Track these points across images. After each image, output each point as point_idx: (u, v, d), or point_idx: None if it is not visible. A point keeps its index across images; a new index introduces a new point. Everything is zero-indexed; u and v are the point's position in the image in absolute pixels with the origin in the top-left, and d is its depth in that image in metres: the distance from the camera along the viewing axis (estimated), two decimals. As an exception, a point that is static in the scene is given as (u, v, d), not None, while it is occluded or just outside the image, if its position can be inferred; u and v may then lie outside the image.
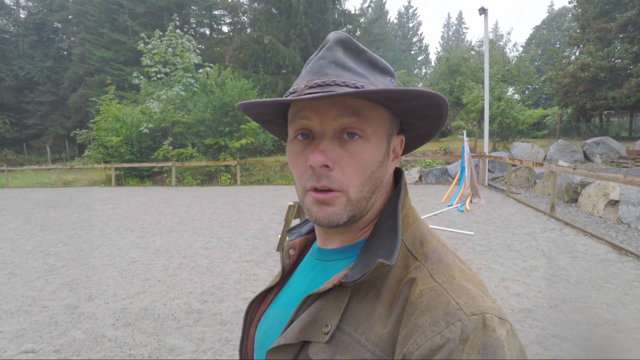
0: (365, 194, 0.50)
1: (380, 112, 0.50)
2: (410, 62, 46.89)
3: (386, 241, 0.48)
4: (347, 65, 0.49)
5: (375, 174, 0.50)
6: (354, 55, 0.51)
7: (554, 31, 40.52)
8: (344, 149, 0.48)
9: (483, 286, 0.47)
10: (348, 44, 0.51)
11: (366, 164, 0.48)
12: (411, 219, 0.53)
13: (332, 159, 0.47)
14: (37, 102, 30.50)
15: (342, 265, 0.53)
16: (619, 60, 18.38)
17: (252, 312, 0.64)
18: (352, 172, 0.48)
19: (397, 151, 0.55)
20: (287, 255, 0.63)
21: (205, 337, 2.88)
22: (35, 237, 6.28)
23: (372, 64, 0.52)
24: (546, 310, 3.16)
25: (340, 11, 24.51)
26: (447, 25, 64.17)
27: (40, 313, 3.38)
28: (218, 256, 4.93)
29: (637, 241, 5.28)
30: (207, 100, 15.08)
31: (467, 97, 16.48)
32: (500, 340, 0.38)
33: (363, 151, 0.48)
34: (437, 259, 0.47)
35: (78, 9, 29.16)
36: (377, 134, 0.49)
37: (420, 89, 0.45)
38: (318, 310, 0.48)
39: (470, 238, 5.40)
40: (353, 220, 0.51)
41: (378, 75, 0.52)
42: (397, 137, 0.55)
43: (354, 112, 0.47)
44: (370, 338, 0.43)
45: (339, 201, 0.48)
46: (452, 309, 0.40)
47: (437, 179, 12.28)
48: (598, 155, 12.24)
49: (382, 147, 0.51)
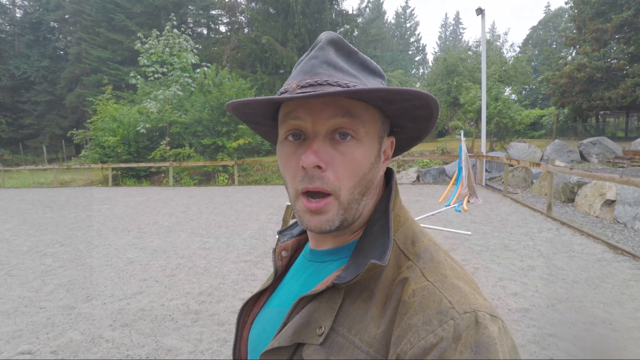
0: (357, 196, 0.49)
1: (372, 113, 0.50)
2: (408, 62, 46.97)
3: (378, 242, 0.49)
4: (339, 66, 0.48)
5: (367, 176, 0.50)
6: (346, 55, 0.51)
7: (551, 32, 40.72)
8: (337, 150, 0.47)
9: (475, 284, 0.47)
10: (340, 44, 0.51)
11: (359, 165, 0.48)
12: (402, 218, 0.53)
13: (325, 160, 0.47)
14: (33, 102, 30.33)
15: (335, 266, 0.53)
16: (615, 60, 18.50)
17: (245, 315, 0.63)
18: (345, 174, 0.47)
19: (387, 153, 0.55)
20: (280, 257, 0.63)
21: (203, 337, 2.88)
22: (32, 238, 6.25)
23: (364, 65, 0.52)
24: (543, 310, 3.17)
25: (337, 11, 24.51)
26: (444, 25, 64.32)
27: (37, 314, 3.36)
28: (216, 256, 4.93)
29: (633, 241, 5.31)
30: (205, 100, 15.04)
31: (464, 97, 16.52)
32: (492, 337, 0.38)
33: (355, 152, 0.48)
34: (429, 258, 0.47)
35: (74, 8, 29.04)
36: (370, 135, 0.49)
37: (411, 89, 0.45)
38: (311, 312, 0.48)
39: (467, 238, 5.41)
40: (345, 225, 0.50)
41: (369, 76, 0.52)
42: (387, 138, 0.55)
43: (347, 112, 0.47)
44: (364, 339, 0.44)
45: (331, 207, 0.48)
46: (445, 308, 0.40)
47: (435, 179, 12.31)
48: (594, 155, 12.30)
49: (374, 149, 0.50)
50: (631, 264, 4.24)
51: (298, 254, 0.65)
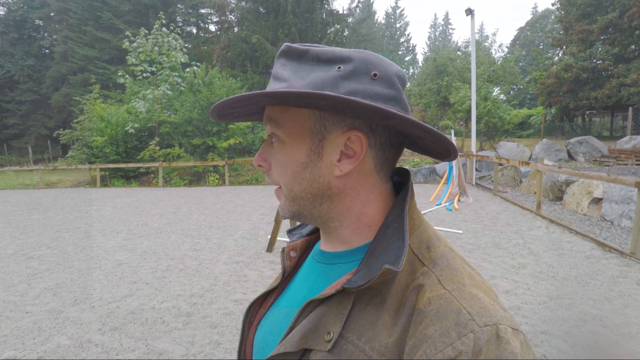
0: (299, 193, 0.51)
1: (296, 113, 0.48)
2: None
3: (392, 245, 0.46)
4: (278, 75, 0.50)
5: (302, 175, 0.49)
6: (297, 59, 0.49)
7: (538, 32, 41.36)
8: (272, 152, 0.52)
9: (493, 293, 0.45)
10: (288, 51, 0.50)
11: (283, 164, 0.51)
12: (417, 221, 0.51)
13: (265, 159, 0.53)
14: (17, 102, 29.65)
15: (345, 269, 0.51)
16: (601, 61, 18.86)
17: (252, 315, 0.62)
18: (277, 172, 0.52)
19: (353, 149, 0.49)
20: (288, 257, 0.61)
21: (195, 340, 2.83)
22: (17, 240, 6.10)
23: (317, 59, 0.48)
24: (535, 307, 3.20)
25: (328, 11, 24.49)
26: (433, 26, 64.83)
27: (23, 319, 3.27)
28: (207, 257, 4.87)
29: (620, 238, 5.42)
30: (195, 99, 14.90)
31: (454, 97, 16.67)
32: (514, 353, 0.37)
33: (278, 153, 0.51)
34: (446, 265, 0.45)
35: (60, 6, 28.45)
36: (293, 136, 0.49)
37: (291, 90, 0.43)
38: (320, 316, 0.46)
39: (459, 236, 5.45)
40: (304, 217, 0.53)
41: (319, 70, 0.47)
42: (343, 134, 0.48)
43: (269, 119, 0.51)
44: (374, 347, 0.42)
45: (280, 195, 0.54)
46: (464, 319, 0.39)
47: (426, 178, 12.39)
48: (581, 154, 12.52)
49: (303, 148, 0.49)
50: (619, 260, 4.32)
51: (307, 254, 0.63)
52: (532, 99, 31.59)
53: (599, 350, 2.70)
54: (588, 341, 2.74)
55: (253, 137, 16.63)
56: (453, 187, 8.27)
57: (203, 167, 14.68)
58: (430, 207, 7.71)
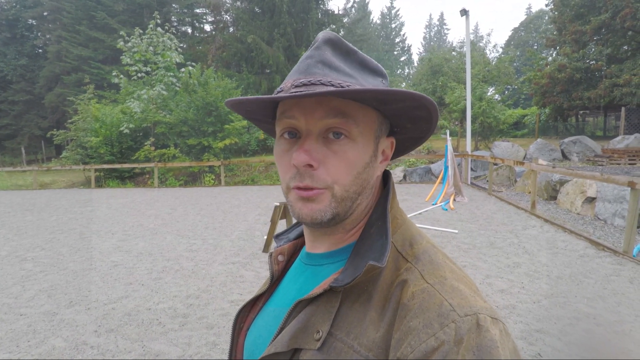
0: (351, 194, 0.49)
1: (368, 113, 0.49)
2: (394, 62, 47.35)
3: (376, 243, 0.48)
4: (334, 65, 0.48)
5: (362, 175, 0.50)
6: (343, 55, 0.51)
7: (532, 33, 41.62)
8: (330, 149, 0.47)
9: (474, 286, 0.47)
10: (337, 43, 0.51)
11: (352, 163, 0.48)
12: (400, 220, 0.53)
13: (317, 158, 0.47)
14: (10, 102, 29.34)
15: (332, 269, 0.53)
16: (594, 62, 19.03)
17: (241, 320, 0.62)
18: (337, 171, 0.47)
19: (386, 153, 0.55)
20: (276, 262, 0.62)
21: (191, 341, 2.83)
22: (11, 242, 6.05)
23: (363, 64, 0.52)
24: (529, 306, 3.23)
25: (324, 11, 24.53)
26: (428, 26, 65.08)
27: (17, 321, 3.25)
28: (203, 258, 4.86)
29: (614, 237, 5.47)
30: (190, 99, 14.84)
31: (449, 97, 16.75)
32: (494, 340, 0.38)
33: (349, 151, 0.48)
34: (428, 260, 0.47)
35: (53, 5, 28.20)
36: (364, 135, 0.49)
37: (405, 90, 0.44)
38: (309, 316, 0.47)
39: (454, 236, 5.48)
40: (337, 220, 0.50)
41: (368, 76, 0.51)
42: (386, 139, 0.54)
43: (339, 113, 0.47)
44: (362, 343, 0.43)
45: (323, 197, 0.48)
46: (446, 310, 0.40)
47: (421, 177, 12.43)
48: (575, 153, 12.62)
49: (369, 148, 0.50)
50: (612, 259, 4.36)
51: (295, 258, 0.64)
52: (526, 99, 31.80)
53: (593, 348, 2.73)
54: (582, 339, 2.77)
55: (249, 138, 16.60)
56: (448, 186, 8.31)
57: (199, 168, 14.62)
58: (425, 206, 7.74)
